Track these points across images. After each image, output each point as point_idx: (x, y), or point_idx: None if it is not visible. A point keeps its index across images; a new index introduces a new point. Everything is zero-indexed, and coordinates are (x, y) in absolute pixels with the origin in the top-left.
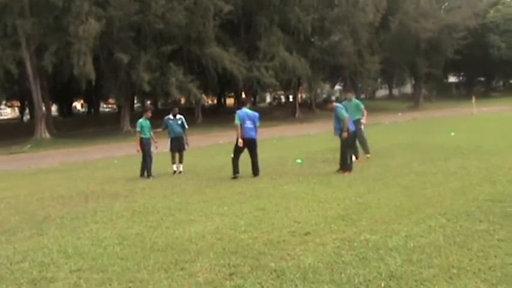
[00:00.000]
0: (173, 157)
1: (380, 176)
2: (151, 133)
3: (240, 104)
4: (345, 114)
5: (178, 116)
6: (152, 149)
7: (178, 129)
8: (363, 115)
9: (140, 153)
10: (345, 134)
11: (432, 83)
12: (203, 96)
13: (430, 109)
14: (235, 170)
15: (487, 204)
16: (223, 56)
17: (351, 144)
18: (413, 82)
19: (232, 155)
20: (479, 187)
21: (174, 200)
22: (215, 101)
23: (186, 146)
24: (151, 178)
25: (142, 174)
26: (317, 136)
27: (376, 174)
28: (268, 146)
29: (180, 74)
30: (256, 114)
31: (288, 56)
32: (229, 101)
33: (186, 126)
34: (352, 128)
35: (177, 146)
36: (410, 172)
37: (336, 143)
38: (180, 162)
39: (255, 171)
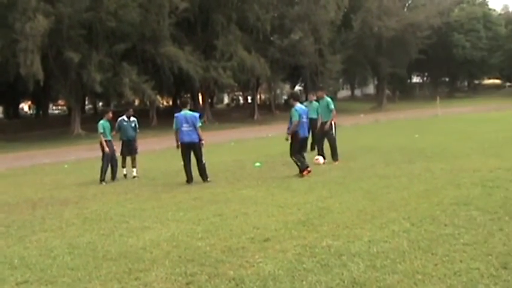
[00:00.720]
0: (124, 161)
1: (342, 179)
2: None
3: (181, 105)
4: (297, 117)
5: (132, 118)
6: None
7: (131, 132)
8: (332, 117)
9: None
10: (288, 134)
11: (396, 83)
12: (158, 97)
13: (394, 110)
14: (188, 178)
15: (452, 208)
16: (179, 56)
17: (296, 150)
18: (376, 82)
19: (182, 162)
20: (444, 190)
21: (128, 206)
22: (170, 102)
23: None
24: (103, 183)
25: (103, 179)
26: (276, 138)
27: (337, 178)
28: (225, 149)
29: (134, 74)
30: (196, 115)
31: (247, 56)
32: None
33: (137, 130)
34: (302, 132)
35: (129, 150)
36: (373, 175)
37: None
38: (134, 166)
39: (203, 175)
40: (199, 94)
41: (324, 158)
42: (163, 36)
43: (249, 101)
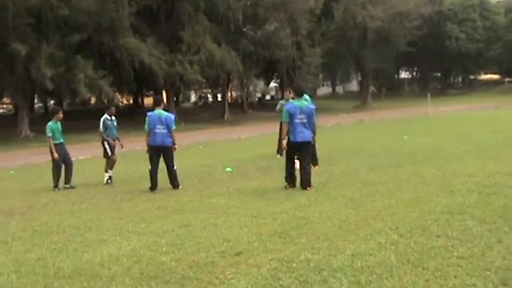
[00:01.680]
0: (112, 164)
1: (322, 185)
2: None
3: (153, 103)
4: (285, 117)
5: (113, 117)
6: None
7: (115, 132)
8: None
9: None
10: (283, 144)
11: (382, 79)
12: (117, 95)
13: (380, 109)
14: (153, 185)
15: (444, 217)
16: (141, 48)
17: (286, 155)
18: (359, 78)
19: (149, 167)
20: (435, 198)
21: (83, 217)
22: (131, 101)
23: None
24: (56, 190)
25: (56, 185)
26: (249, 141)
27: (318, 184)
28: (193, 152)
29: (90, 69)
30: (171, 116)
31: (216, 49)
32: (148, 101)
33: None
34: (293, 137)
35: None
36: (357, 181)
37: (271, 148)
38: (111, 168)
39: (173, 182)
40: (163, 91)
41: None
42: (123, 26)
43: (219, 99)
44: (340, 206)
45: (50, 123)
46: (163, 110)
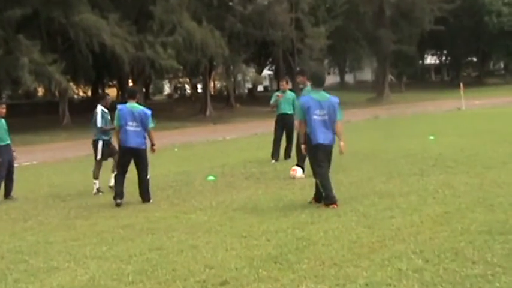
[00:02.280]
0: (99, 168)
1: None
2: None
3: (126, 95)
4: (300, 114)
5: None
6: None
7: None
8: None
9: None
10: (302, 148)
11: (402, 65)
12: (71, 85)
13: (399, 103)
14: (117, 194)
15: (482, 238)
16: (101, 27)
17: (312, 165)
18: (374, 65)
19: (114, 172)
20: (470, 214)
21: (28, 238)
22: (89, 93)
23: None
24: None
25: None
26: (237, 142)
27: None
28: (167, 157)
29: (36, 52)
30: (148, 112)
31: (196, 28)
32: (111, 92)
33: None
34: (314, 138)
35: (109, 150)
36: (371, 193)
37: (264, 152)
38: (113, 171)
39: (144, 194)
40: (130, 81)
41: (304, 170)
42: None
43: (199, 90)
44: (350, 223)
45: None
46: (138, 103)
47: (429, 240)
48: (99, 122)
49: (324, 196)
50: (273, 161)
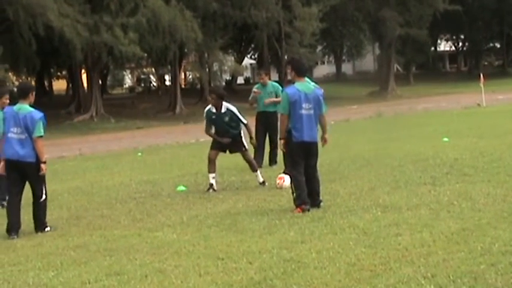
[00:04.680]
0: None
1: (321, 212)
2: None
3: (18, 94)
4: (284, 107)
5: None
6: None
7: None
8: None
9: None
10: (281, 142)
11: (411, 53)
12: (10, 75)
13: (407, 97)
14: (10, 224)
15: (506, 260)
16: (46, 5)
17: (289, 158)
18: (377, 52)
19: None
20: (492, 230)
21: None
22: (33, 84)
23: None
24: None
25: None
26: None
27: (314, 210)
28: (129, 162)
29: None
30: (35, 114)
31: (163, 7)
32: (59, 85)
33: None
34: (298, 134)
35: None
36: (373, 205)
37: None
38: None
39: (36, 220)
40: (82, 71)
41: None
42: None
43: (167, 83)
44: (348, 242)
45: None
46: (31, 105)
47: (442, 262)
48: None
49: (295, 196)
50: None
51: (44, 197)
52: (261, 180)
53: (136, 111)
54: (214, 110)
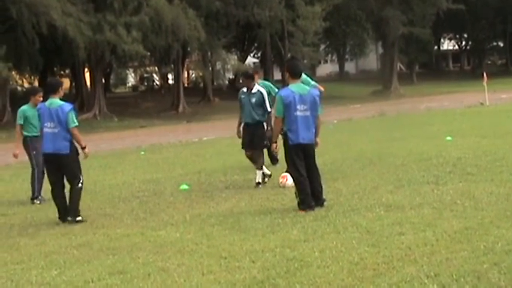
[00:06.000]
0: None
1: (324, 211)
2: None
3: (48, 89)
4: (279, 109)
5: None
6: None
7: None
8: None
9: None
10: (273, 146)
11: (414, 52)
12: (13, 74)
13: (410, 96)
14: (60, 212)
15: (510, 259)
16: (50, 4)
17: (290, 162)
18: (380, 51)
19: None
20: (495, 229)
21: None
22: (36, 84)
23: None
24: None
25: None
26: (216, 144)
27: (317, 209)
28: (132, 161)
29: None
30: (67, 107)
31: (166, 6)
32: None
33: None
34: (294, 136)
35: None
36: (376, 204)
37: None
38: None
39: (70, 207)
40: (86, 70)
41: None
42: None
43: (170, 81)
44: (351, 241)
45: (24, 108)
46: (62, 99)
47: (446, 261)
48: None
49: (299, 200)
50: None
51: (80, 184)
52: (260, 179)
53: (139, 110)
54: (245, 90)
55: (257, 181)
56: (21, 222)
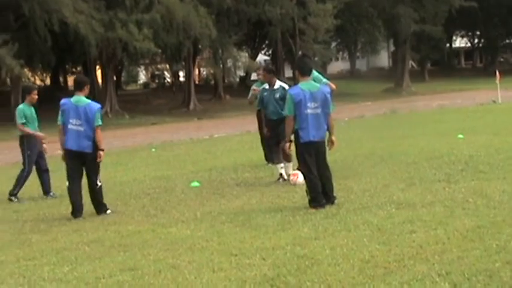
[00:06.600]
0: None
1: (335, 208)
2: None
3: (75, 86)
4: (290, 108)
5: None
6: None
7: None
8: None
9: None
10: (285, 145)
11: (426, 49)
12: (26, 71)
13: (422, 94)
14: (74, 208)
15: None
16: (61, 1)
17: (301, 160)
18: (392, 48)
19: (67, 182)
20: (508, 228)
21: None
22: (48, 81)
23: None
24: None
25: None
26: (227, 141)
27: (328, 206)
28: (143, 158)
29: None
30: (95, 106)
31: (177, 3)
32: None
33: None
34: (305, 134)
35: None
36: (387, 202)
37: (259, 153)
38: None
39: (97, 206)
40: (97, 67)
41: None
42: None
43: (181, 79)
44: (362, 239)
45: (21, 107)
46: (88, 97)
47: (457, 260)
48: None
49: (310, 198)
50: (269, 164)
51: (99, 183)
52: (283, 175)
53: (150, 107)
54: (267, 87)
55: (280, 172)
56: (33, 218)
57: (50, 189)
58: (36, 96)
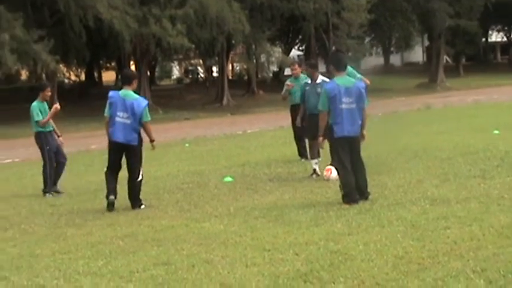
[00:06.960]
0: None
1: (369, 204)
2: None
3: (123, 80)
4: (324, 103)
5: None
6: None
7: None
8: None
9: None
10: (319, 139)
11: (461, 44)
12: (61, 67)
13: (457, 89)
14: (109, 191)
15: None
16: None
17: (335, 155)
18: (426, 43)
19: (105, 168)
20: None
21: (9, 250)
22: (83, 77)
23: None
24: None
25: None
26: (260, 136)
27: (361, 202)
28: (176, 153)
29: (19, 27)
30: (142, 101)
31: None
32: (108, 76)
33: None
34: (339, 130)
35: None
36: (421, 198)
37: (292, 148)
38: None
39: (133, 200)
40: (131, 63)
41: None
42: None
43: (215, 74)
44: (395, 234)
45: (35, 104)
46: (135, 92)
47: (493, 256)
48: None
49: (343, 193)
50: (302, 159)
51: (140, 177)
52: (316, 170)
53: (184, 102)
54: (309, 81)
55: (314, 168)
56: (68, 212)
57: (56, 185)
58: (49, 93)
